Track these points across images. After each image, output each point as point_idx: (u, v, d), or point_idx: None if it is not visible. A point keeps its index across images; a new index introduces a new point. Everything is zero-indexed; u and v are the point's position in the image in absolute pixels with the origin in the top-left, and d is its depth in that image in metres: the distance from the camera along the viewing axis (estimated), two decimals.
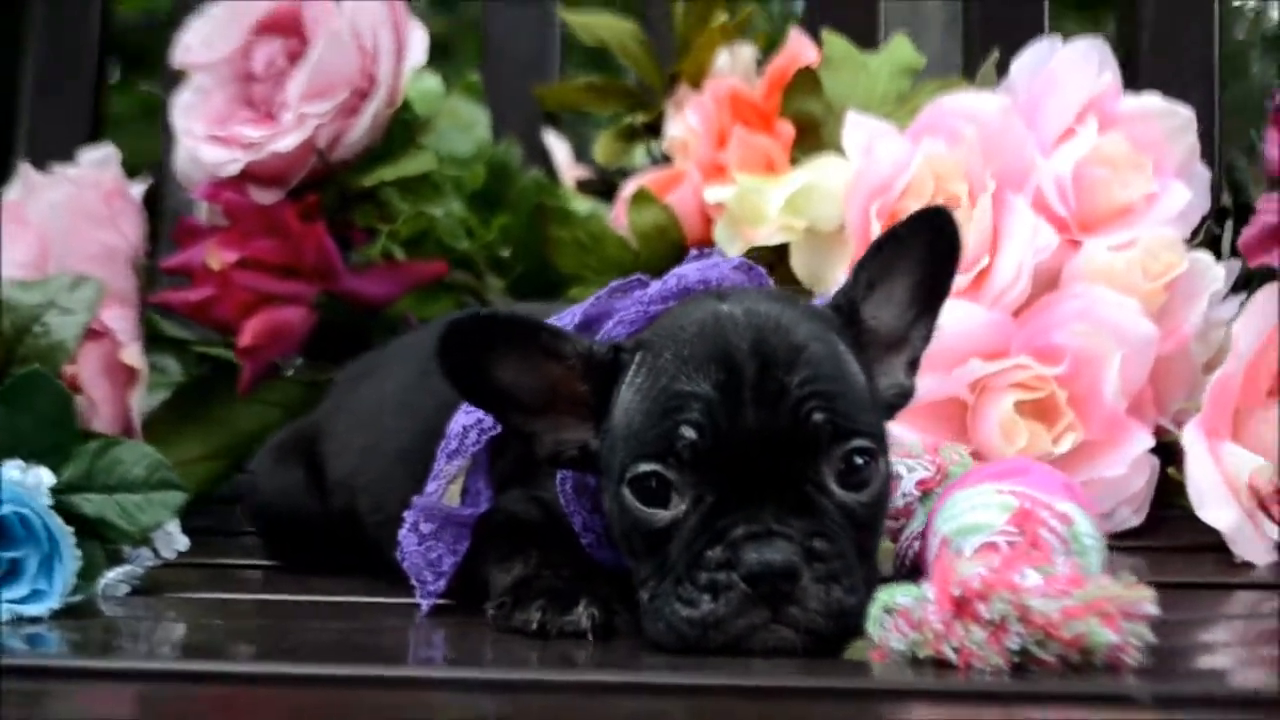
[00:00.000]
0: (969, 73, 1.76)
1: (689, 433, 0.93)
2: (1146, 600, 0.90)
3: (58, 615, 1.08)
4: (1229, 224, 1.61)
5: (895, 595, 0.92)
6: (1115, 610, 0.89)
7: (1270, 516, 1.31)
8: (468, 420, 1.07)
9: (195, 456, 1.38)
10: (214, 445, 1.50)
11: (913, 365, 1.05)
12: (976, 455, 1.35)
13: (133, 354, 1.38)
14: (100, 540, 1.17)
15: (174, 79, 1.59)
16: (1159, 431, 1.44)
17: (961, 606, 0.89)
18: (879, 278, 1.01)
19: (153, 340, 1.51)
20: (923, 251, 1.00)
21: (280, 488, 1.30)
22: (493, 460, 1.09)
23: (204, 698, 0.88)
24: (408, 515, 1.08)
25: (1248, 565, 1.28)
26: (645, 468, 0.94)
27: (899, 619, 0.91)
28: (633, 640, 0.98)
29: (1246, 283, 1.52)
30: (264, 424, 1.52)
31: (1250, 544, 1.29)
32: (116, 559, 1.19)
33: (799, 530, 0.92)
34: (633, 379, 0.98)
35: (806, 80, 1.57)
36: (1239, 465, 1.31)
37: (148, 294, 1.50)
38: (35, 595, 1.09)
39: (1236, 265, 1.50)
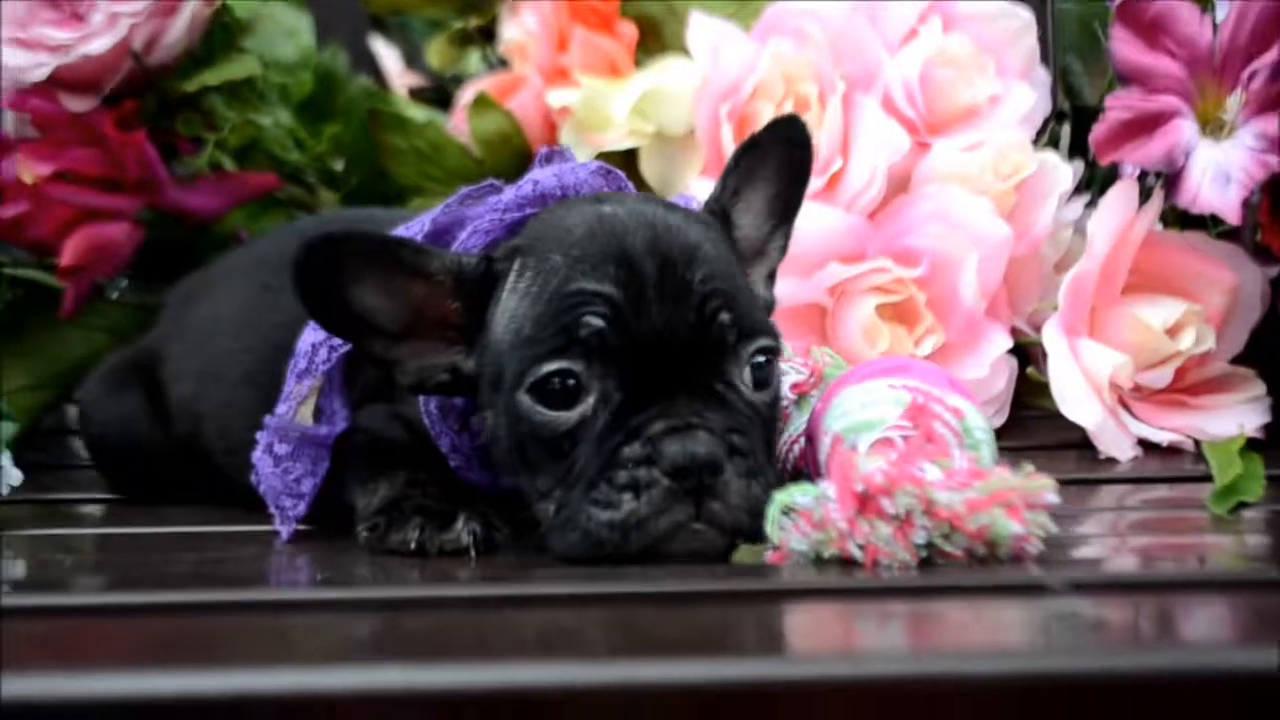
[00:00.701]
0: None
1: (595, 321, 0.89)
2: (1048, 490, 0.88)
3: None
4: (1066, 126, 1.61)
5: (793, 495, 0.89)
6: (1019, 501, 0.87)
7: (1130, 411, 1.32)
8: (316, 337, 1.01)
9: (18, 386, 1.28)
10: (38, 374, 1.40)
11: (771, 277, 1.04)
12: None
13: None
14: None
15: None
16: (1014, 333, 1.43)
17: (865, 503, 0.87)
18: (742, 186, 1.00)
19: None
20: (779, 162, 0.99)
21: (117, 416, 1.22)
22: (347, 377, 1.03)
23: (50, 634, 0.80)
24: (261, 437, 1.02)
25: (1111, 461, 1.29)
26: (551, 366, 0.90)
27: (799, 519, 0.88)
28: (518, 556, 0.94)
29: (1088, 184, 1.53)
30: (91, 349, 1.42)
31: (1114, 440, 1.30)
32: None
33: (718, 424, 0.89)
34: (514, 285, 0.93)
35: None
36: (1099, 362, 1.31)
37: None
38: None
39: (1079, 167, 1.50)
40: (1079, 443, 1.31)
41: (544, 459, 0.92)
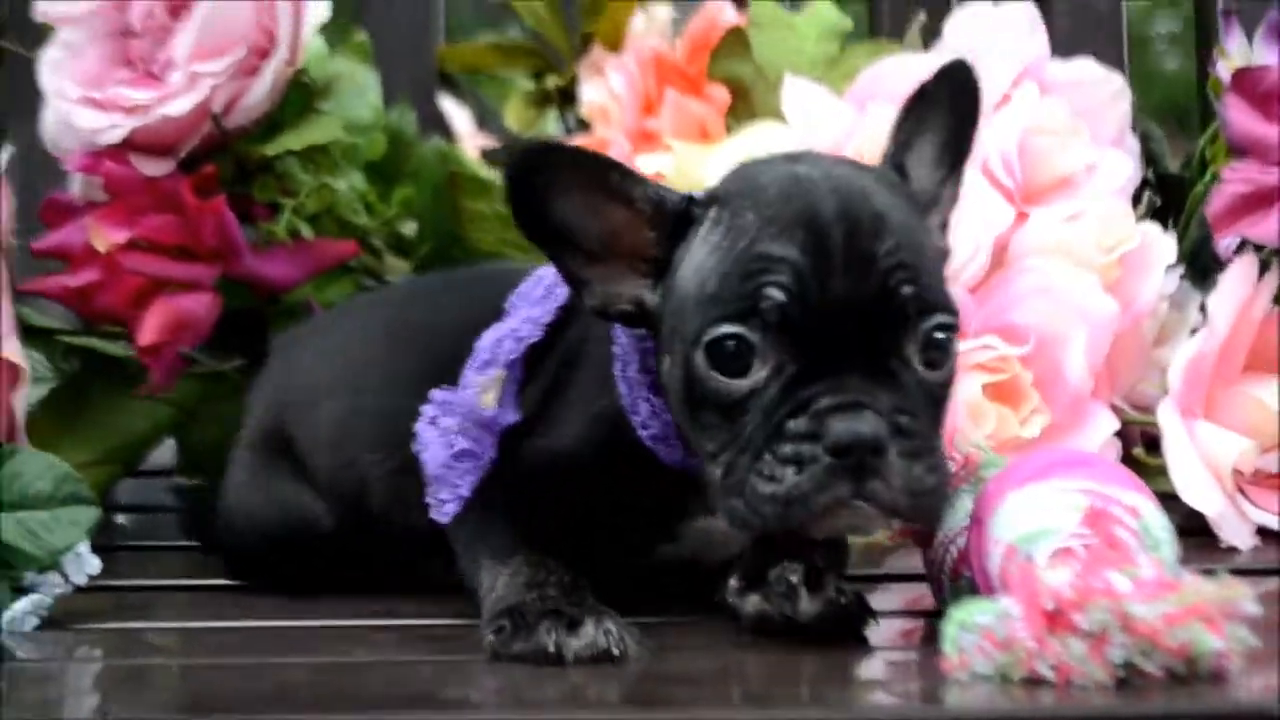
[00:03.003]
0: (873, 34, 1.71)
1: (776, 294, 0.88)
2: (1246, 599, 0.83)
3: None
4: (1145, 195, 1.57)
5: (972, 614, 0.83)
6: (1217, 612, 0.82)
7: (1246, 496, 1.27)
8: (501, 332, 1.02)
9: (81, 463, 1.20)
10: (101, 449, 1.34)
11: (943, 226, 1.03)
12: None
13: (12, 348, 1.20)
14: (2, 567, 1.01)
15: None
16: (1115, 412, 1.38)
17: (1055, 619, 0.81)
18: (913, 137, 0.99)
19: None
20: (948, 108, 0.99)
21: (271, 497, 1.15)
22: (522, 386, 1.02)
23: None
24: (426, 409, 1.01)
25: (1231, 550, 1.23)
26: (726, 330, 0.89)
27: (983, 640, 0.82)
28: (650, 663, 0.89)
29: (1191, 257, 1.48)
30: (155, 423, 1.36)
31: (1234, 528, 1.25)
32: (17, 587, 1.03)
33: (885, 404, 0.88)
34: (707, 235, 0.92)
35: (735, 42, 1.48)
36: (1217, 446, 1.27)
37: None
38: None
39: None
40: (1194, 529, 1.25)
41: (713, 421, 0.91)
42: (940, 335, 0.91)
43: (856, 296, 0.88)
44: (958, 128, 1.00)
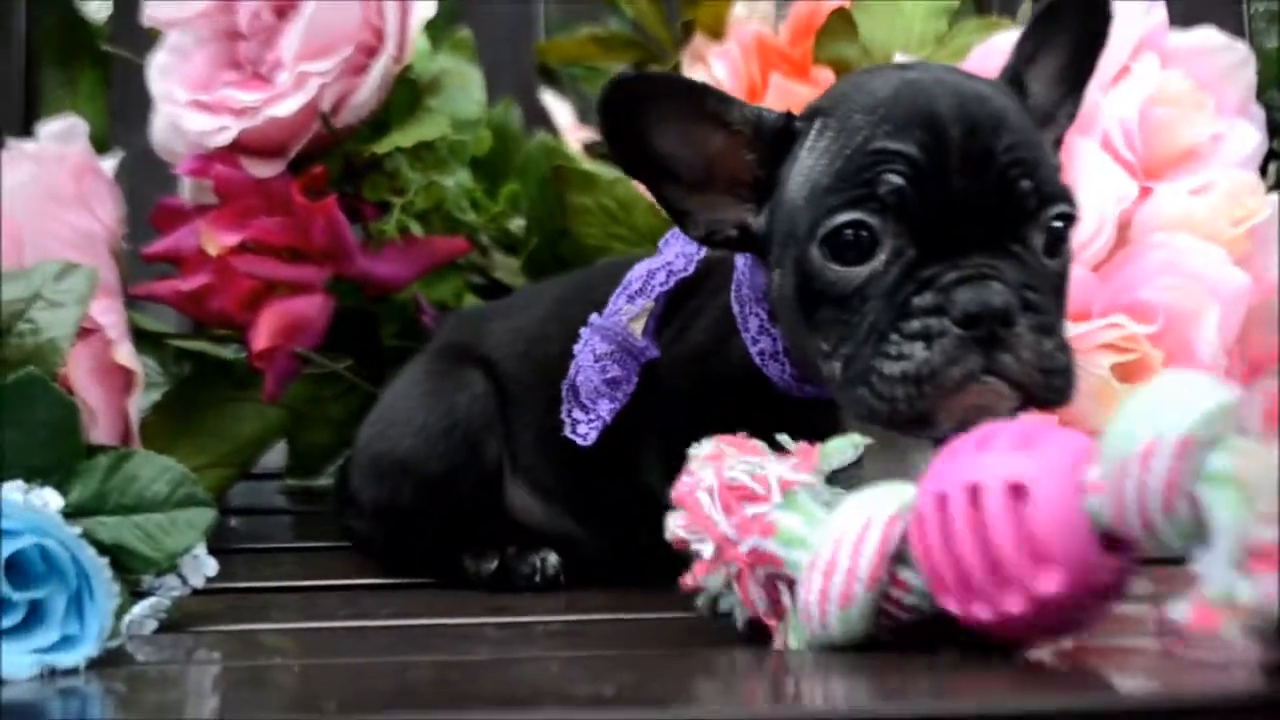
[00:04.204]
0: (980, 11, 1.67)
1: (894, 179, 0.88)
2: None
3: (91, 664, 0.91)
4: (1273, 166, 1.52)
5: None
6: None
7: None
8: (655, 264, 1.04)
9: (196, 466, 1.20)
10: (214, 453, 1.33)
11: (1057, 144, 1.03)
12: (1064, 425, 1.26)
13: (126, 353, 1.20)
14: (120, 570, 1.00)
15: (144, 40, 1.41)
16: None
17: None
18: (1037, 52, 0.98)
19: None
20: (1076, 28, 0.99)
21: (441, 389, 1.14)
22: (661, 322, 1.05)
23: None
24: (584, 333, 1.04)
25: None
26: (844, 217, 0.89)
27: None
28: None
29: None
30: (266, 426, 1.36)
31: None
32: (136, 590, 1.02)
33: (1012, 277, 0.88)
34: (813, 145, 0.92)
35: (841, 23, 1.44)
36: None
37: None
38: (66, 642, 0.91)
39: None
40: None
41: (831, 316, 0.91)
42: (1059, 225, 0.91)
43: (975, 190, 0.88)
44: (1083, 48, 1.00)
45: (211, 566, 1.06)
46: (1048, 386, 0.88)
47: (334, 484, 1.32)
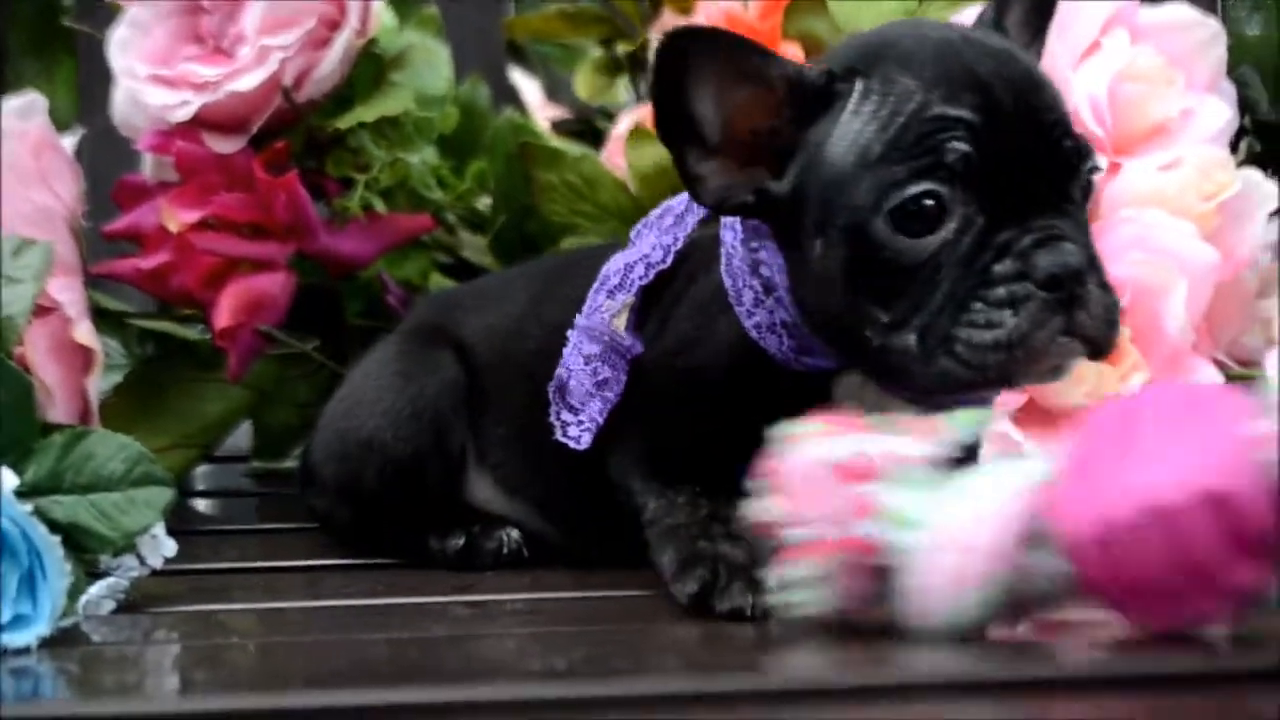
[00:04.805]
0: None
1: (962, 146, 0.88)
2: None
3: (44, 644, 0.90)
4: (1244, 142, 1.51)
5: None
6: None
7: None
8: (630, 257, 1.03)
9: (158, 447, 1.19)
10: (178, 434, 1.32)
11: None
12: (1032, 403, 1.25)
13: (85, 332, 1.18)
14: (76, 550, 0.99)
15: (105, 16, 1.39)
16: (1216, 365, 1.33)
17: None
18: (1006, 6, 1.00)
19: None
20: None
21: (410, 370, 1.14)
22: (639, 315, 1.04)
23: None
24: (571, 335, 1.03)
25: None
26: (917, 188, 0.88)
27: None
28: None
29: None
30: (230, 406, 1.35)
31: None
32: (92, 571, 1.01)
33: (1076, 236, 0.90)
34: (858, 108, 0.91)
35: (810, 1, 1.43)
36: None
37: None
38: (18, 621, 0.89)
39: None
40: None
41: (896, 287, 0.89)
42: (1093, 178, 0.94)
43: (1030, 149, 0.89)
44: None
45: (170, 547, 1.04)
46: (1109, 340, 0.91)
47: (299, 462, 1.31)
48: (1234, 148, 1.44)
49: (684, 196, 1.04)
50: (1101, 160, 0.95)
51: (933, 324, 0.88)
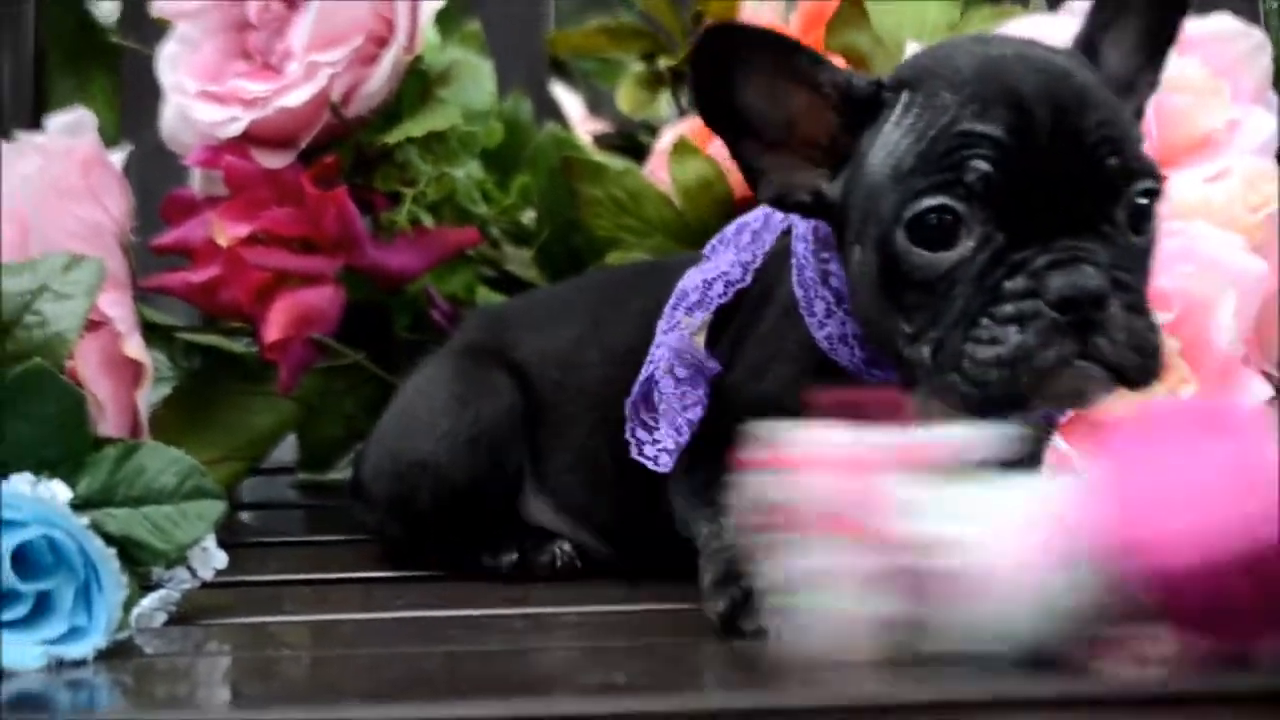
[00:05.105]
0: None
1: (981, 165, 0.87)
2: None
3: (99, 656, 0.90)
4: None
5: None
6: None
7: None
8: (710, 274, 1.01)
9: (207, 460, 1.19)
10: (225, 446, 1.33)
11: (1138, 113, 1.01)
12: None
13: (135, 346, 1.19)
14: (129, 562, 0.99)
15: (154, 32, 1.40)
16: (1265, 379, 1.32)
17: None
18: (1113, 19, 0.97)
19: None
20: None
21: (467, 390, 1.13)
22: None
23: None
24: (659, 355, 1.01)
25: None
26: (930, 202, 0.87)
27: None
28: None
29: None
30: (278, 419, 1.35)
31: None
32: (144, 583, 1.01)
33: (1102, 258, 0.87)
34: (899, 120, 0.91)
35: (852, 11, 1.43)
36: None
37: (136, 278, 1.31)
38: (74, 633, 0.91)
39: None
40: None
41: (916, 300, 0.89)
42: (1145, 201, 0.90)
43: (1063, 171, 0.87)
44: (1163, 13, 0.98)
45: (221, 559, 1.05)
46: (1141, 368, 0.88)
47: (350, 475, 1.31)
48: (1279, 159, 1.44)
49: (759, 213, 1.04)
50: (1154, 182, 0.91)
51: (945, 339, 0.88)
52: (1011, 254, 0.87)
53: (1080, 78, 0.92)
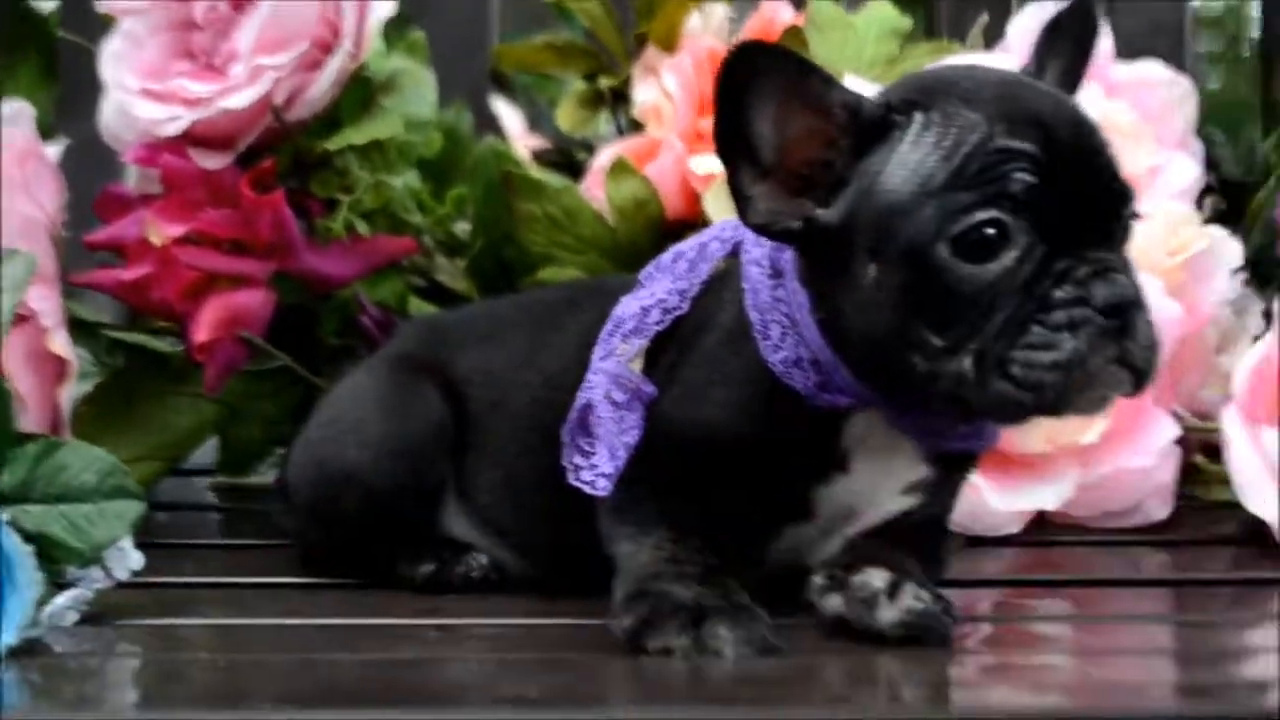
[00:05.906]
0: (930, 34, 1.68)
1: (1026, 177, 0.90)
2: None
3: (8, 654, 0.90)
4: (1209, 200, 1.55)
5: None
6: None
7: None
8: (645, 301, 1.02)
9: (126, 459, 1.18)
10: (146, 446, 1.32)
11: None
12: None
13: (61, 342, 1.19)
14: (44, 560, 0.99)
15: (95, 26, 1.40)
16: (1174, 419, 1.36)
17: None
18: (1045, 61, 1.02)
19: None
20: (1073, 39, 1.03)
21: (397, 399, 1.13)
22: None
23: None
24: (597, 379, 1.00)
25: None
26: (982, 215, 0.90)
27: None
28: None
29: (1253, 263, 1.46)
30: (200, 420, 1.35)
31: None
32: (57, 582, 1.01)
33: (1127, 269, 0.93)
34: (917, 139, 0.92)
35: (794, 41, 1.44)
36: None
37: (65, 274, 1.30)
38: None
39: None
40: (1254, 537, 1.24)
41: (951, 314, 0.91)
42: (1133, 221, 0.96)
43: (1087, 186, 0.92)
44: (1077, 56, 1.03)
45: (137, 560, 1.04)
46: (1152, 371, 0.93)
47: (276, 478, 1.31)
48: (1198, 204, 1.48)
49: (694, 241, 1.05)
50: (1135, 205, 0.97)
51: (989, 348, 0.90)
52: (1052, 264, 0.91)
53: (1074, 104, 0.97)
